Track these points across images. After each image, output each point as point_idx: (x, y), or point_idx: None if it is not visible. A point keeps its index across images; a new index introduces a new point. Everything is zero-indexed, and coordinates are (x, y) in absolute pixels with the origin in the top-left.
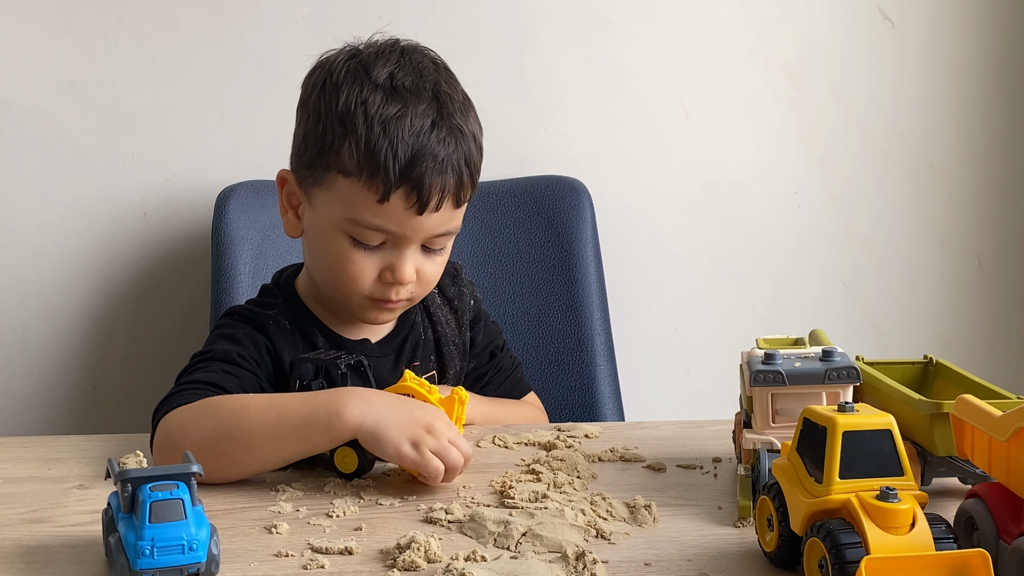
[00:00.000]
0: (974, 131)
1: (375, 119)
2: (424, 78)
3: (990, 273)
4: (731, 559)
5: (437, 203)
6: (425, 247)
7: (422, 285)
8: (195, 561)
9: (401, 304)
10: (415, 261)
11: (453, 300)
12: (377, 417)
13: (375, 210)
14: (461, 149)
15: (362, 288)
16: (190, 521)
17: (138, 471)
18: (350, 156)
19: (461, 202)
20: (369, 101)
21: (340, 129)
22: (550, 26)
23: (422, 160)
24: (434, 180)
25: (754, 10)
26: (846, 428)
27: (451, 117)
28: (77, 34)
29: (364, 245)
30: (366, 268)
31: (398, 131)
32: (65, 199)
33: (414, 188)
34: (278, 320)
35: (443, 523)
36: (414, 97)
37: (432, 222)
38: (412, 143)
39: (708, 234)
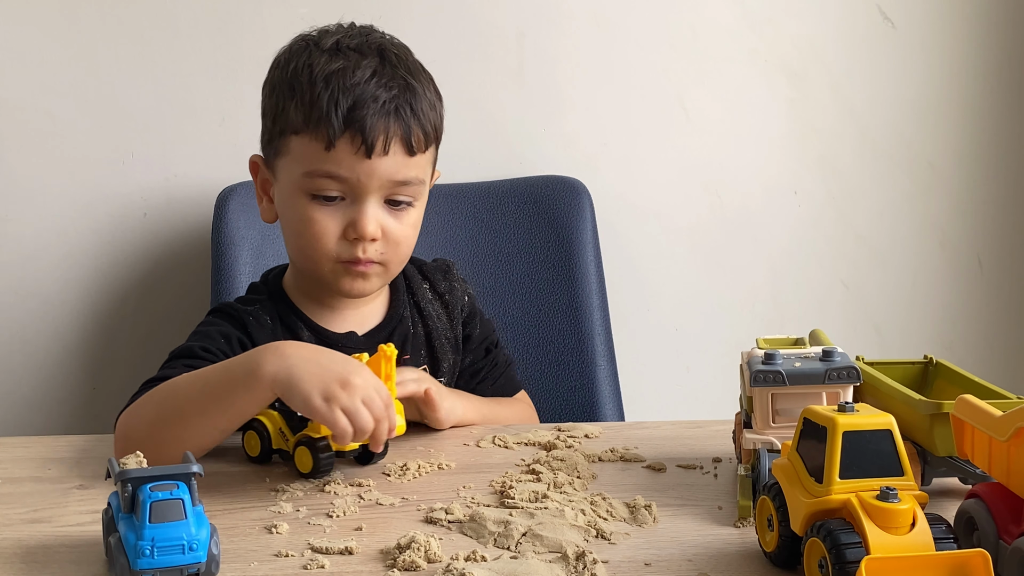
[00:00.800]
0: (974, 131)
1: (318, 76)
2: (370, 40)
3: (990, 273)
4: (731, 559)
5: (384, 145)
6: (389, 202)
7: (391, 246)
8: (195, 561)
9: (374, 269)
10: (377, 216)
11: (444, 295)
12: (290, 369)
13: (324, 158)
14: (406, 96)
15: (328, 248)
16: (190, 521)
17: (138, 471)
18: (296, 113)
19: (413, 149)
20: (314, 63)
21: (288, 92)
22: (550, 26)
23: (363, 104)
24: (377, 122)
25: (754, 10)
26: (846, 428)
27: (395, 68)
28: (77, 34)
29: (324, 200)
30: (329, 226)
31: (339, 81)
32: (65, 199)
33: (358, 131)
34: (258, 315)
35: (443, 523)
36: (357, 55)
37: (383, 167)
38: (354, 91)
39: (708, 234)
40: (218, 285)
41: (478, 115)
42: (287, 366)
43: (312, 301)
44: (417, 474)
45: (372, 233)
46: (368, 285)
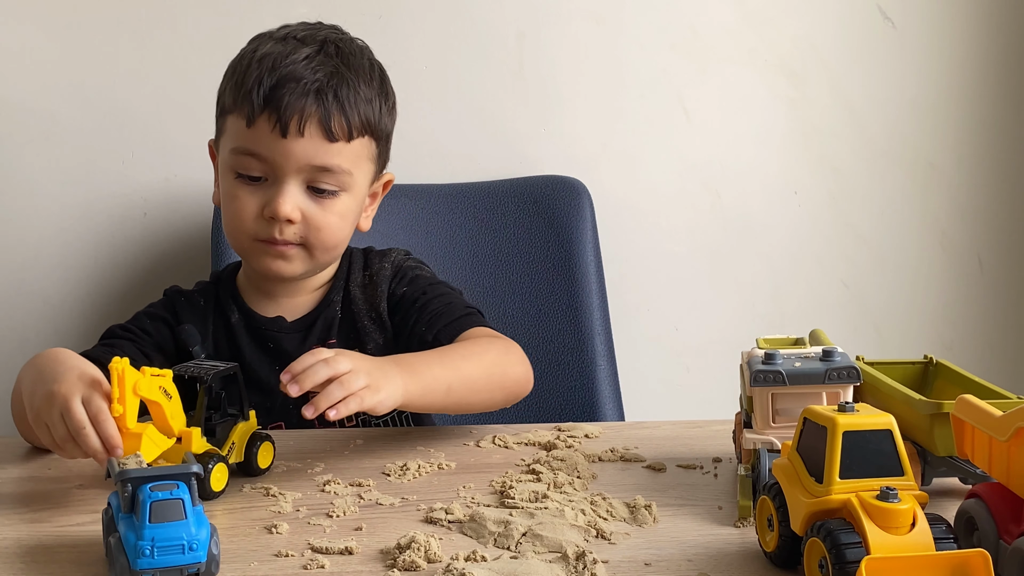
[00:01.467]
0: (974, 131)
1: (255, 58)
2: (318, 33)
3: (990, 273)
4: (731, 559)
5: (299, 126)
6: (313, 189)
7: (311, 230)
8: (195, 561)
9: (293, 251)
10: (296, 199)
11: (374, 275)
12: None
13: (246, 135)
14: (332, 82)
15: (245, 225)
16: (190, 521)
17: (138, 471)
18: (228, 91)
19: (332, 134)
20: (259, 48)
21: (229, 74)
22: (550, 26)
23: (284, 84)
24: (294, 102)
25: (754, 10)
26: (846, 428)
27: (330, 57)
28: (77, 34)
29: (246, 179)
30: (248, 203)
31: (269, 62)
32: (65, 199)
33: (275, 109)
34: (192, 297)
35: (443, 523)
36: (298, 43)
37: (299, 150)
38: (279, 71)
39: (708, 234)
40: None
41: (478, 115)
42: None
43: (253, 287)
44: (417, 474)
45: (287, 214)
46: (289, 266)
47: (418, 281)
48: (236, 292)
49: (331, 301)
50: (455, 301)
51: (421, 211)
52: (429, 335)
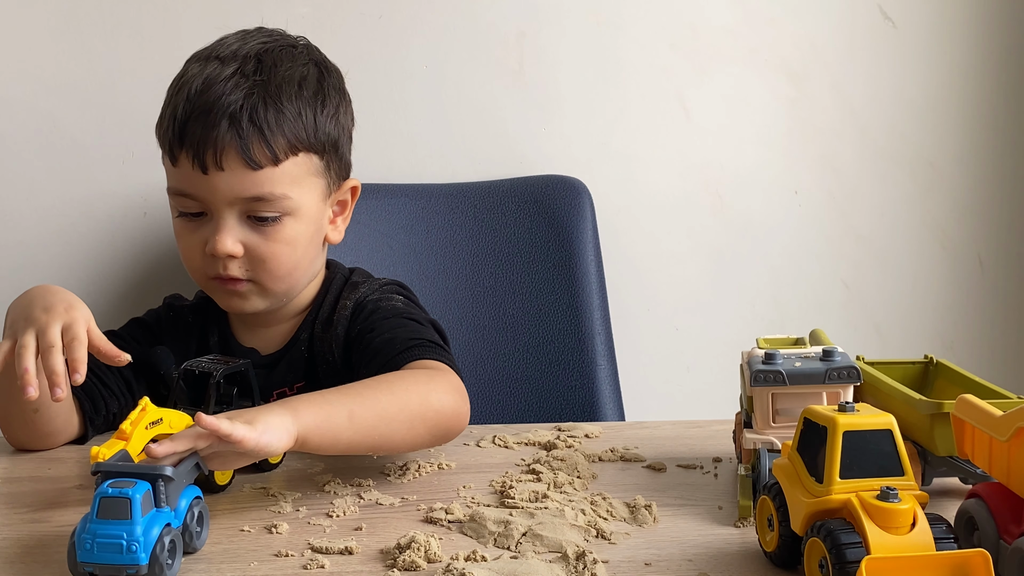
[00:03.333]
0: (974, 131)
1: (175, 87)
2: (247, 46)
3: (991, 273)
4: (731, 559)
5: (215, 160)
6: (253, 219)
7: (256, 263)
8: (133, 563)
9: (247, 287)
10: (235, 233)
11: (335, 315)
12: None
13: (174, 174)
14: (248, 104)
15: (194, 264)
16: (137, 521)
17: (110, 465)
18: (159, 125)
19: (255, 162)
20: (184, 73)
21: (165, 100)
22: (550, 26)
23: (196, 117)
24: (206, 135)
25: (754, 10)
26: (847, 428)
27: (247, 76)
28: (77, 34)
29: (187, 216)
30: (192, 242)
31: (185, 92)
32: (65, 199)
33: (190, 146)
34: (180, 312)
35: (443, 523)
36: (220, 62)
37: (224, 184)
38: (194, 101)
39: (708, 234)
40: None
41: (478, 115)
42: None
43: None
44: (417, 474)
45: (227, 250)
46: (246, 303)
47: (373, 316)
48: (224, 315)
49: (298, 340)
50: (399, 335)
51: (421, 211)
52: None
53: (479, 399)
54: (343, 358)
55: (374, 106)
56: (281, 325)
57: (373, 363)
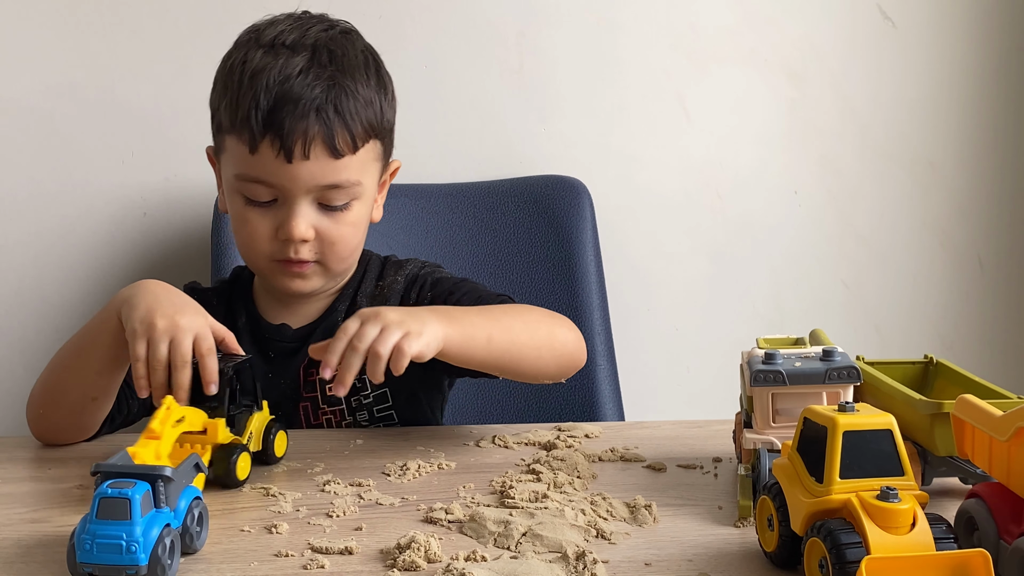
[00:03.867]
0: (974, 131)
1: (247, 74)
2: (307, 35)
3: (990, 273)
4: (731, 559)
5: (303, 150)
6: (324, 205)
7: (326, 246)
8: (133, 563)
9: (311, 268)
10: (309, 218)
11: (385, 289)
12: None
13: (250, 162)
14: (331, 95)
15: (261, 249)
16: (136, 522)
17: (111, 465)
18: (226, 112)
19: (338, 151)
20: (248, 60)
21: (223, 90)
22: (550, 26)
23: (283, 106)
24: (295, 126)
25: (754, 10)
26: (847, 428)
27: (324, 67)
28: (77, 34)
29: (256, 202)
30: (260, 227)
31: (263, 81)
32: (64, 199)
33: (277, 135)
34: (205, 295)
35: (443, 523)
36: (290, 51)
37: (306, 172)
38: (275, 91)
39: (708, 234)
40: None
41: (478, 115)
42: (132, 293)
43: (264, 292)
44: (417, 474)
45: (302, 235)
46: (307, 284)
47: (442, 283)
48: (249, 296)
49: (335, 310)
50: (484, 294)
51: (421, 211)
52: None
53: (479, 399)
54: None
55: None
56: (316, 302)
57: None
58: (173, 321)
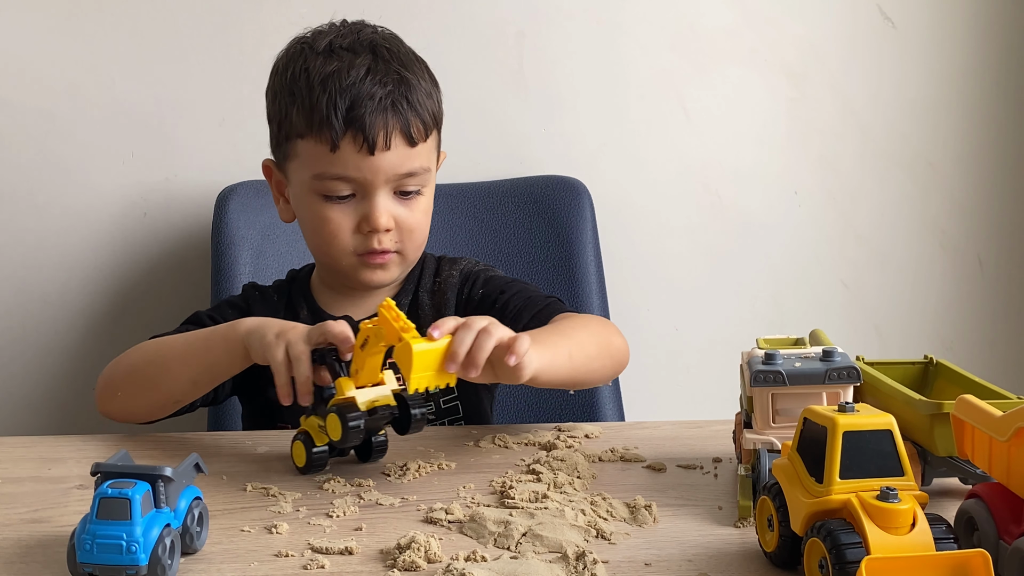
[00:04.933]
0: (974, 131)
1: (315, 79)
2: (361, 38)
3: (990, 273)
4: (731, 559)
5: (385, 141)
6: (400, 194)
7: (405, 233)
8: (133, 563)
9: (391, 259)
10: (388, 208)
11: (442, 283)
12: (259, 325)
13: (331, 160)
14: (401, 90)
15: (344, 244)
16: (137, 522)
17: (110, 465)
18: (299, 117)
19: (414, 140)
20: (310, 67)
21: (289, 97)
22: (550, 26)
23: (361, 103)
24: (376, 119)
25: (754, 10)
26: (846, 428)
27: (387, 63)
28: (77, 34)
29: (335, 199)
30: (343, 223)
31: (335, 83)
32: (64, 199)
33: (359, 130)
34: (266, 292)
35: (443, 523)
36: (350, 54)
37: (387, 162)
38: (350, 91)
39: (708, 234)
40: (218, 285)
41: (478, 115)
42: (259, 323)
43: (326, 287)
44: (417, 474)
45: (385, 225)
46: (388, 274)
47: (493, 281)
48: (308, 291)
49: (400, 304)
50: (534, 295)
51: None
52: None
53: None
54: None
55: None
56: (378, 295)
57: (521, 318)
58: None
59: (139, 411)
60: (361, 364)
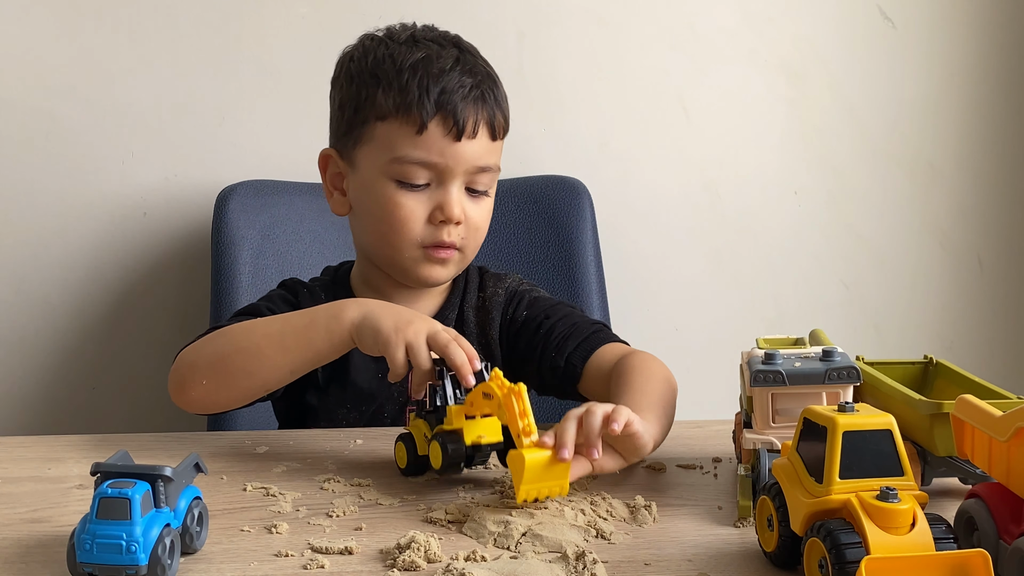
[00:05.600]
0: (974, 131)
1: (404, 63)
2: (444, 35)
3: (990, 273)
4: (731, 559)
5: (473, 128)
6: (469, 189)
7: (471, 230)
8: (132, 563)
9: (453, 256)
10: (461, 200)
11: (487, 300)
12: (367, 314)
13: (415, 142)
14: (487, 84)
15: (413, 233)
16: (136, 522)
17: (110, 465)
18: (385, 99)
19: (496, 134)
20: (395, 53)
21: (373, 80)
22: (550, 26)
23: (452, 90)
24: (467, 105)
25: (754, 10)
26: (846, 428)
27: (474, 58)
28: (77, 34)
29: (410, 186)
30: (415, 210)
31: (426, 68)
32: (64, 199)
33: (449, 113)
34: (314, 291)
35: (443, 523)
36: (436, 45)
37: (471, 151)
38: (441, 77)
39: (708, 234)
40: (218, 285)
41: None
42: (367, 311)
43: (371, 290)
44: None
45: (458, 215)
46: (445, 272)
47: (538, 304)
48: (350, 292)
49: (445, 318)
50: (579, 321)
51: None
52: (560, 359)
53: None
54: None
55: None
56: (423, 301)
57: (566, 347)
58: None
59: (225, 400)
60: (475, 397)
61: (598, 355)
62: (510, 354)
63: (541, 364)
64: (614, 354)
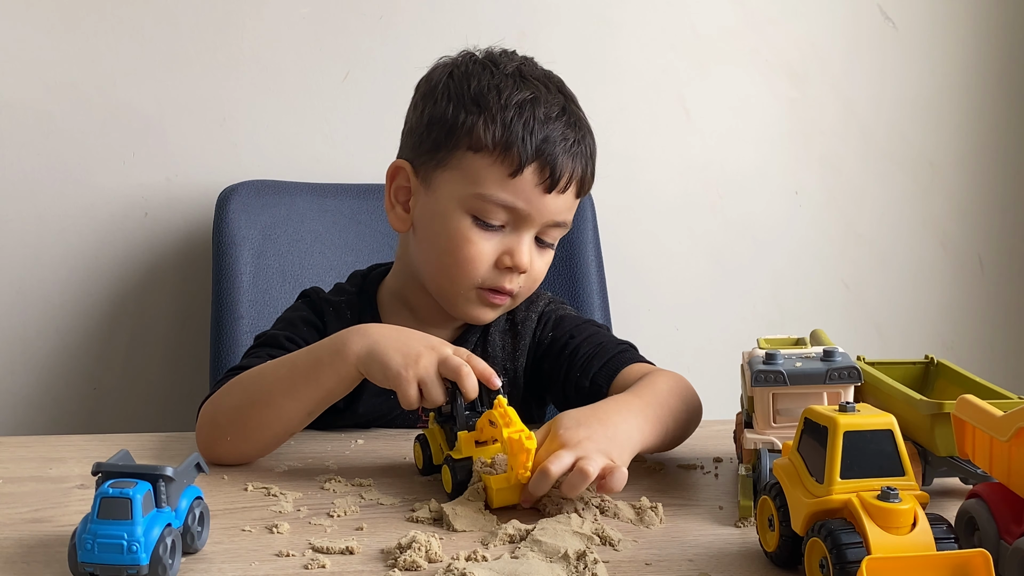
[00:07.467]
0: (974, 131)
1: (510, 100)
2: (548, 75)
3: (991, 273)
4: (732, 559)
5: (566, 184)
6: (539, 240)
7: (531, 280)
8: (133, 563)
9: (506, 302)
10: (531, 250)
11: (517, 325)
12: (373, 345)
13: (505, 184)
14: (586, 142)
15: (477, 272)
16: (138, 522)
17: (111, 465)
18: (485, 131)
19: (581, 192)
20: (502, 85)
21: (474, 108)
22: (550, 26)
23: (555, 141)
24: (565, 161)
25: (754, 10)
26: (847, 428)
27: (577, 110)
28: (77, 34)
29: (485, 225)
30: (485, 250)
31: (532, 111)
32: (65, 199)
33: (547, 164)
34: (339, 308)
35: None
36: (543, 86)
37: (555, 205)
38: (547, 124)
39: (708, 234)
40: (219, 285)
41: None
42: (371, 343)
43: (403, 307)
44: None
45: (526, 265)
46: (493, 315)
47: (564, 323)
48: (375, 309)
49: (466, 341)
50: (605, 340)
51: None
52: (585, 380)
53: None
54: (528, 363)
55: (374, 106)
56: (448, 327)
57: (591, 367)
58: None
59: (253, 451)
60: (484, 423)
61: (623, 375)
62: (535, 373)
63: (566, 383)
64: (639, 374)
